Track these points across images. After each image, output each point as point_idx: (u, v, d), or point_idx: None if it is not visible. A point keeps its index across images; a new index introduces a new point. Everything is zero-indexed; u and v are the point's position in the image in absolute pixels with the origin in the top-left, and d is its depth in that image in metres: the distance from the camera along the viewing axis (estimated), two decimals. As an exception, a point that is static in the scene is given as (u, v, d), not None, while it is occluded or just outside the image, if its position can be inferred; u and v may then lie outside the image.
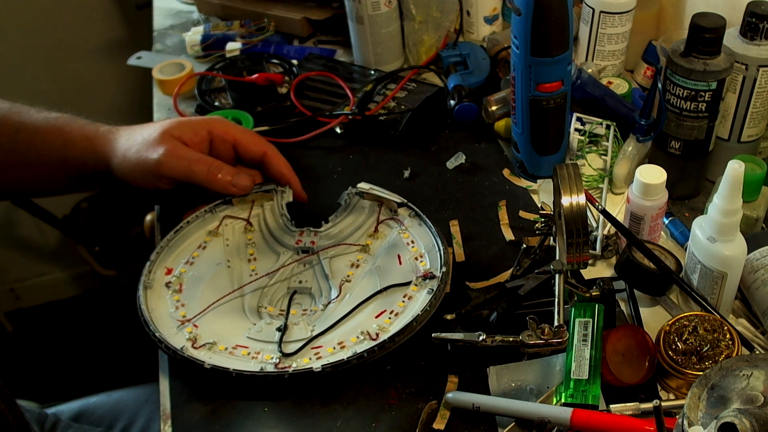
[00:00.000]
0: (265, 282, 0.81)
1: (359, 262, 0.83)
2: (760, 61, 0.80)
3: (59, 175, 0.89)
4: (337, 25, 1.24)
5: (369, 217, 0.87)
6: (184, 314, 0.77)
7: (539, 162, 0.92)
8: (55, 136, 0.87)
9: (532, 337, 0.65)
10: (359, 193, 0.87)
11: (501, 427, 0.67)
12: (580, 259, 0.67)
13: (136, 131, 0.86)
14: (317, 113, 1.04)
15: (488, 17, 1.18)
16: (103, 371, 1.85)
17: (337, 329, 0.75)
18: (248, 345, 0.74)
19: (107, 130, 0.88)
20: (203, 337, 0.74)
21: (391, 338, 0.71)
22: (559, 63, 0.83)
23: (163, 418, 0.71)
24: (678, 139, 0.84)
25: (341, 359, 0.70)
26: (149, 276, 0.80)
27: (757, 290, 0.72)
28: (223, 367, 0.70)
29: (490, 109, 1.00)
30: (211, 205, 0.87)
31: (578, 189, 0.67)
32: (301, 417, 0.70)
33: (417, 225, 0.84)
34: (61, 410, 1.07)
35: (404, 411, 0.69)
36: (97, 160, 0.86)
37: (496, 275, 0.81)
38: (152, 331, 0.74)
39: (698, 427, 0.49)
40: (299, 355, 0.72)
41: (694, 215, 0.85)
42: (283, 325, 0.76)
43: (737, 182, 0.65)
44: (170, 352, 0.72)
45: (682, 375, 0.67)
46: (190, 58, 1.22)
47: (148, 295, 0.78)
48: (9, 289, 2.13)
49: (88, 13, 1.80)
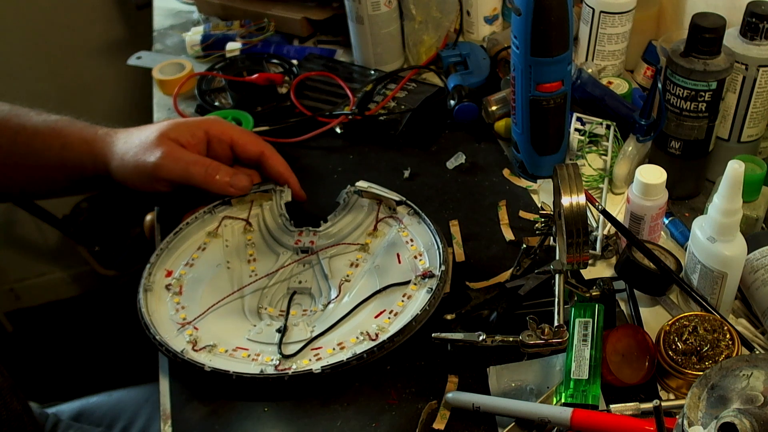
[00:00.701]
0: (264, 283, 0.81)
1: (358, 262, 0.83)
2: (760, 61, 0.80)
3: (59, 178, 0.89)
4: (337, 25, 1.24)
5: (368, 216, 0.87)
6: (185, 316, 0.77)
7: (539, 162, 0.92)
8: (54, 139, 0.87)
9: (532, 337, 0.65)
10: (358, 191, 0.87)
11: (501, 427, 0.67)
12: (580, 259, 0.67)
13: (134, 134, 0.86)
14: (317, 113, 1.04)
15: (488, 17, 1.18)
16: (103, 371, 1.85)
17: (336, 330, 0.75)
18: (248, 347, 0.74)
19: (105, 132, 0.88)
20: (203, 339, 0.74)
21: (390, 338, 0.71)
22: (559, 63, 0.83)
23: (163, 418, 0.71)
24: (678, 139, 0.84)
25: (341, 360, 0.70)
26: (149, 279, 0.80)
27: (757, 290, 0.72)
28: (223, 369, 0.70)
29: (490, 109, 1.00)
30: (210, 206, 0.87)
31: (578, 189, 0.67)
32: (301, 417, 0.70)
33: (416, 223, 0.84)
34: (61, 410, 1.07)
35: (404, 411, 0.69)
36: (95, 163, 0.86)
37: (496, 275, 0.81)
38: (152, 335, 0.74)
39: (698, 427, 0.49)
40: (299, 357, 0.72)
41: (694, 215, 0.85)
42: (283, 326, 0.76)
43: (737, 182, 0.65)
44: (171, 355, 0.72)
45: (682, 375, 0.66)
46: (190, 58, 1.22)
47: (148, 298, 0.78)
48: (9, 289, 2.13)
49: (88, 13, 1.80)
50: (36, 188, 0.92)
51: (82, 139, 0.87)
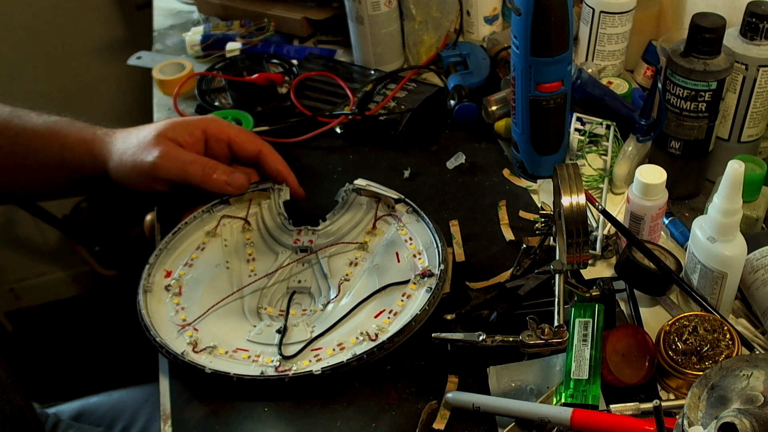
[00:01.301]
0: (264, 283, 0.81)
1: (357, 260, 0.83)
2: (760, 61, 0.80)
3: (59, 178, 0.89)
4: (337, 25, 1.24)
5: (366, 214, 0.87)
6: (184, 318, 0.77)
7: (539, 162, 0.92)
8: (54, 139, 0.87)
9: (532, 337, 0.65)
10: (356, 189, 0.87)
11: (501, 427, 0.67)
12: (580, 259, 0.67)
13: (131, 134, 0.86)
14: (317, 113, 1.04)
15: (488, 17, 1.18)
16: (103, 371, 1.85)
17: (336, 330, 0.75)
18: (248, 348, 0.74)
19: (104, 133, 0.88)
20: (204, 341, 0.74)
21: (390, 339, 0.71)
22: (559, 63, 0.83)
23: (163, 418, 0.71)
24: (678, 139, 0.84)
25: (341, 361, 0.70)
26: (148, 279, 0.80)
27: (757, 290, 0.72)
28: (223, 371, 0.70)
29: (490, 109, 1.00)
30: (209, 205, 0.87)
31: (578, 189, 0.67)
32: (301, 417, 0.70)
33: (415, 221, 0.84)
34: (62, 410, 1.07)
35: (404, 411, 0.69)
36: (94, 164, 0.86)
37: (496, 275, 0.81)
38: (152, 336, 0.74)
39: (698, 427, 0.49)
40: (299, 358, 0.72)
41: (694, 215, 0.85)
42: (283, 326, 0.76)
43: (737, 182, 0.65)
44: (171, 357, 0.72)
45: (682, 375, 0.66)
46: (190, 58, 1.22)
47: (147, 299, 0.78)
48: (9, 289, 2.13)
49: (88, 13, 1.80)
50: (37, 189, 0.92)
51: (81, 140, 0.87)
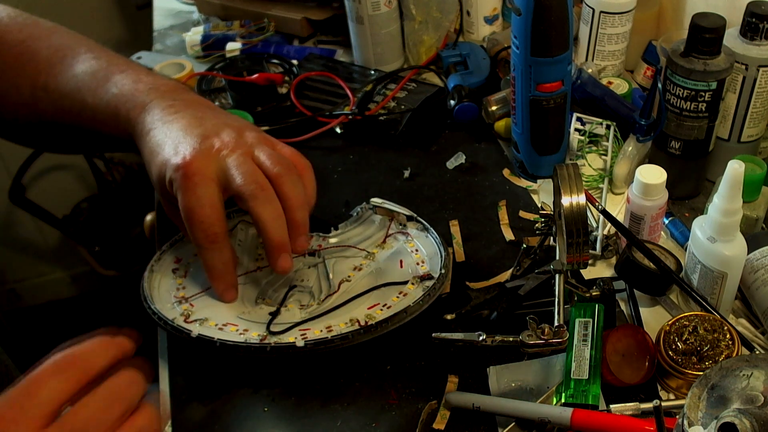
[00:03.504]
0: (266, 274, 0.82)
1: (362, 266, 0.83)
2: (760, 61, 0.80)
3: None
4: (337, 25, 1.24)
5: (378, 231, 0.87)
6: (183, 294, 0.78)
7: (539, 162, 0.92)
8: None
9: (532, 337, 0.65)
10: (372, 207, 0.88)
11: (501, 427, 0.67)
12: (580, 259, 0.67)
13: (178, 127, 0.73)
14: (317, 113, 1.04)
15: (488, 17, 1.18)
16: (103, 371, 1.85)
17: (327, 317, 0.75)
18: (238, 324, 0.75)
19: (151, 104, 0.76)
20: (196, 314, 0.75)
21: (377, 323, 0.71)
22: (559, 63, 0.83)
23: (163, 418, 0.71)
24: (678, 139, 0.84)
25: (325, 337, 0.70)
26: (158, 261, 0.81)
27: (757, 290, 0.72)
28: (208, 336, 0.70)
29: (490, 109, 1.00)
30: (228, 211, 0.87)
31: (578, 189, 0.67)
32: (301, 417, 0.70)
33: (423, 237, 0.84)
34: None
35: (404, 411, 0.69)
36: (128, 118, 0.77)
37: (496, 275, 0.81)
38: (148, 304, 0.75)
39: (698, 427, 0.49)
40: (286, 336, 0.73)
41: (694, 215, 0.85)
42: (276, 310, 0.76)
43: (737, 182, 0.65)
44: (162, 322, 0.73)
45: (682, 375, 0.66)
46: (190, 58, 1.22)
47: (152, 277, 0.79)
48: (9, 289, 2.13)
49: (88, 13, 1.80)
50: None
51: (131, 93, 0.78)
